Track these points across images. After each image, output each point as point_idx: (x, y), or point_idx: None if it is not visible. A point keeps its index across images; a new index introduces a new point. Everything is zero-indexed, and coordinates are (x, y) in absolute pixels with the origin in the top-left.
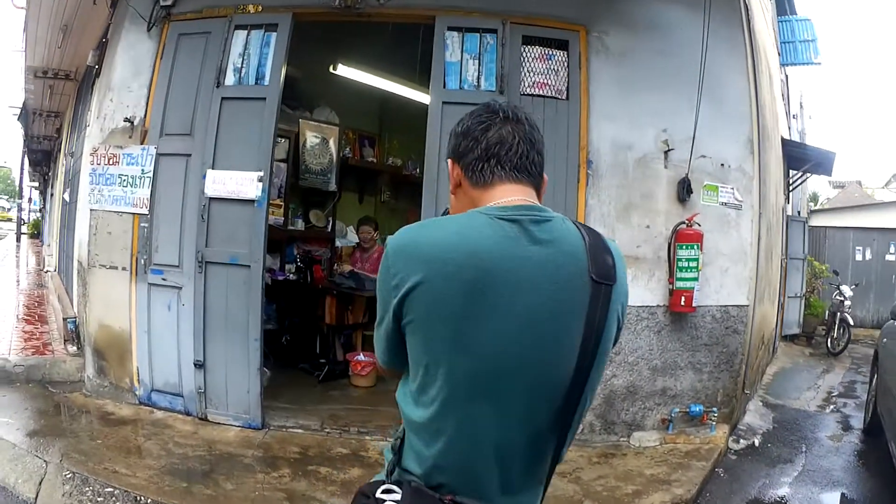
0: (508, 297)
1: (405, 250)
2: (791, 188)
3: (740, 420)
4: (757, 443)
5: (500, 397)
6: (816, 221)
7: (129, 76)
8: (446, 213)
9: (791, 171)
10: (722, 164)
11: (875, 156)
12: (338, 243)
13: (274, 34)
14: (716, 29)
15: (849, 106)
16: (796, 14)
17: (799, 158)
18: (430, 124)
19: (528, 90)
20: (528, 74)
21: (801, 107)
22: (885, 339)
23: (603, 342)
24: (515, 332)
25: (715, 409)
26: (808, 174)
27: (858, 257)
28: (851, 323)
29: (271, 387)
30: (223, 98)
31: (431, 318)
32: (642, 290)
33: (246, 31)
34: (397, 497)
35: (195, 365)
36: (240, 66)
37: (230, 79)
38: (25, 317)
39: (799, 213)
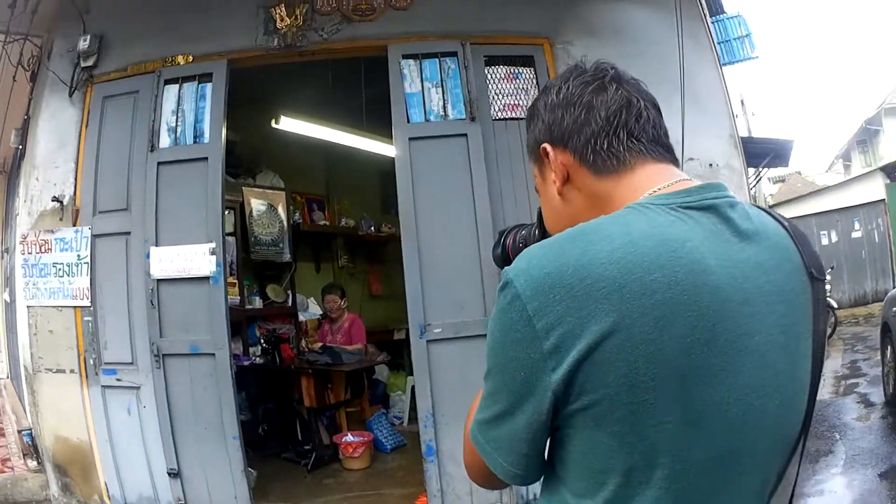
0: (745, 327)
1: (562, 282)
2: (752, 186)
3: None
4: None
5: (738, 481)
6: None
7: (54, 149)
8: (541, 234)
9: (749, 168)
10: (710, 164)
11: (808, 144)
12: (301, 317)
13: (209, 85)
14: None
15: (779, 96)
16: (725, 13)
17: (756, 154)
18: (398, 165)
19: (499, 114)
20: (496, 97)
21: (743, 104)
22: (893, 309)
23: (823, 361)
24: (757, 379)
25: None
26: (768, 168)
27: (825, 241)
28: (836, 306)
29: (258, 484)
30: (159, 163)
31: (638, 390)
32: None
33: (177, 85)
34: None
35: (169, 474)
36: (174, 124)
37: (165, 140)
38: None
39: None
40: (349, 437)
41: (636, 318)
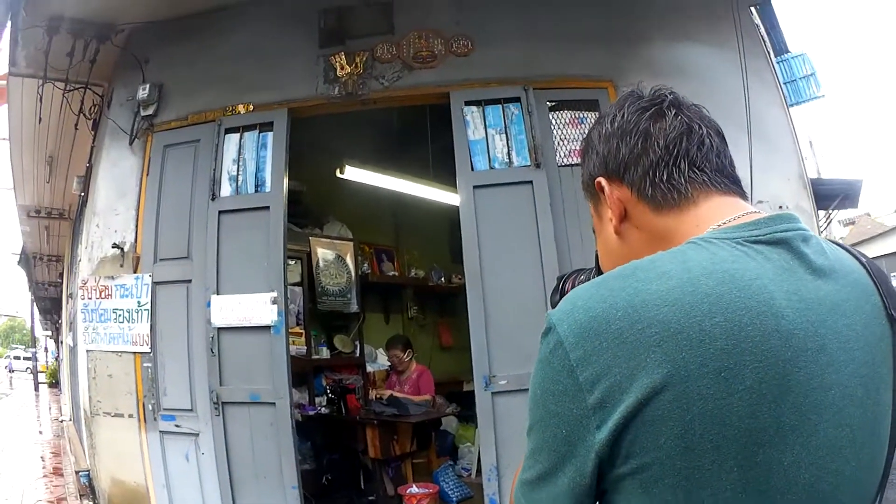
0: (820, 379)
1: (610, 327)
2: (822, 229)
3: None
4: None
5: None
6: None
7: (115, 197)
8: (595, 273)
9: (819, 211)
10: (780, 206)
11: (875, 185)
12: (369, 368)
13: (270, 133)
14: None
15: (847, 136)
16: (790, 52)
17: (825, 196)
18: (463, 214)
19: (564, 160)
20: (561, 143)
21: (811, 147)
22: None
23: None
24: (833, 439)
25: None
26: (837, 210)
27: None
28: None
29: None
30: (220, 211)
31: (695, 454)
32: None
33: (238, 134)
34: None
35: None
36: (235, 173)
37: (226, 189)
38: (40, 469)
39: None
40: (413, 489)
41: (693, 369)
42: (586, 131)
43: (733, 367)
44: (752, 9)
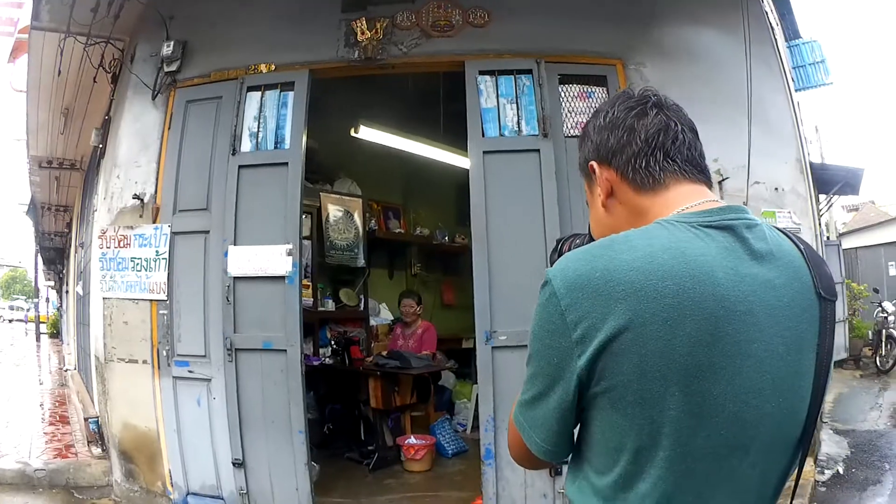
0: (746, 334)
1: (590, 283)
2: (821, 213)
3: (819, 451)
4: (841, 470)
5: (735, 475)
6: (844, 244)
7: (137, 150)
8: (588, 239)
9: (820, 195)
10: (776, 189)
11: (881, 174)
12: (372, 322)
13: (291, 93)
14: (750, 49)
15: (855, 124)
16: (801, 37)
17: (826, 181)
18: (472, 177)
19: (570, 132)
20: (568, 115)
21: (817, 131)
22: None
23: (829, 376)
24: (754, 381)
25: None
26: (837, 196)
27: (893, 272)
28: None
29: (320, 481)
30: (240, 166)
31: (647, 379)
32: None
33: (260, 93)
34: None
35: (234, 464)
36: (256, 130)
37: (247, 145)
38: (46, 418)
39: (828, 238)
40: (412, 440)
41: (648, 317)
42: (593, 105)
43: (677, 317)
44: None
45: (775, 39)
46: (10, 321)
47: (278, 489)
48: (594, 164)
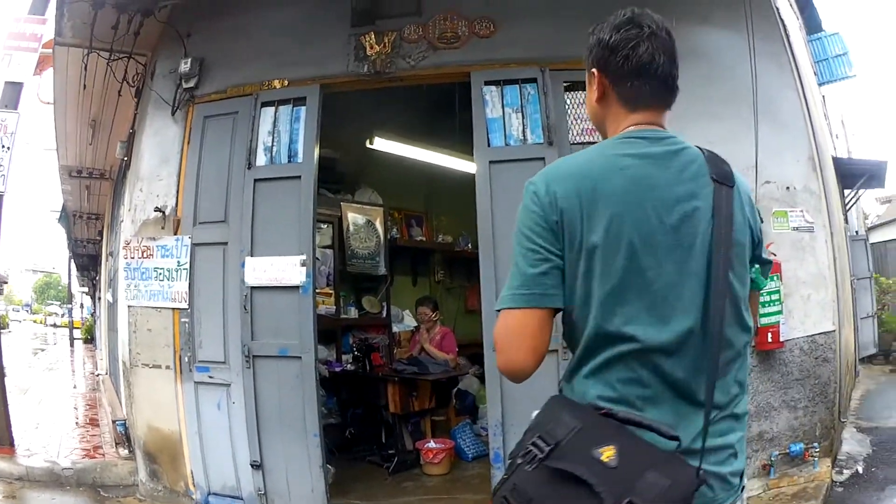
0: (642, 195)
1: (555, 179)
2: (848, 207)
3: (839, 450)
4: (861, 470)
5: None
6: (873, 238)
7: (158, 164)
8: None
9: (845, 189)
10: (787, 188)
11: None
12: (395, 328)
13: (303, 108)
14: (758, 46)
15: (882, 116)
16: (824, 30)
17: (851, 175)
18: (478, 187)
19: (577, 138)
20: (574, 122)
21: (843, 125)
22: None
23: (736, 233)
24: (654, 221)
25: (815, 444)
26: (863, 189)
27: None
28: None
29: (341, 483)
30: (256, 180)
31: (608, 243)
32: None
33: (273, 108)
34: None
35: (252, 466)
36: (270, 144)
37: (261, 159)
38: (77, 420)
39: (857, 231)
40: (431, 444)
41: (582, 191)
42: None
43: (598, 188)
44: None
45: (787, 35)
46: (55, 325)
47: (294, 490)
48: (595, 70)
